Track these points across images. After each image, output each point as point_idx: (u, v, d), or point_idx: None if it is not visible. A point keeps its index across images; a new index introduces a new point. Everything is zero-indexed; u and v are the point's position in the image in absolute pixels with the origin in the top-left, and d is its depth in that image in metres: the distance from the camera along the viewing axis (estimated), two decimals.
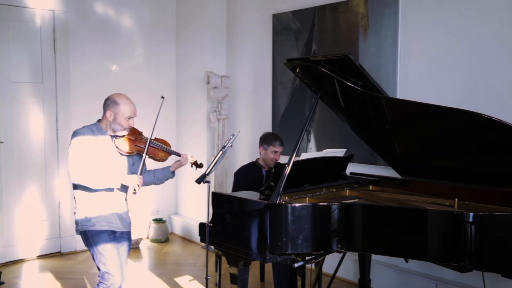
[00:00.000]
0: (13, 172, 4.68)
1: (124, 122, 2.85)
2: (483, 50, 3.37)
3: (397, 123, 3.02)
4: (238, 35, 5.34)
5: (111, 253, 2.83)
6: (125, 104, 2.86)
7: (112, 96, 2.89)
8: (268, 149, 3.74)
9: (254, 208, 2.73)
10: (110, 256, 2.82)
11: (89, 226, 2.83)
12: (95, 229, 2.82)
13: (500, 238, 2.28)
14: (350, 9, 4.13)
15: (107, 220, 2.86)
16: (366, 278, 3.58)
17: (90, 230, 2.83)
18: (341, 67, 2.93)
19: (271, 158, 3.73)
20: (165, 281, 4.27)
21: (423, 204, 2.83)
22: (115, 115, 2.83)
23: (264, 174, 3.79)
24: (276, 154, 3.75)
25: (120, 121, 2.84)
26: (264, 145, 3.77)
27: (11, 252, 4.69)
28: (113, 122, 2.85)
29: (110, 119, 2.85)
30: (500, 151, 2.66)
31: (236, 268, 2.89)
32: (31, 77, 4.75)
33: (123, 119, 2.85)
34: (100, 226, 2.83)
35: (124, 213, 2.99)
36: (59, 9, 4.86)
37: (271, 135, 3.85)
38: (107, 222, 2.86)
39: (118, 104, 2.84)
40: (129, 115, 2.87)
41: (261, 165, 3.82)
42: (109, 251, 2.83)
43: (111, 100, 2.86)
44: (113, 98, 2.87)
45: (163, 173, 3.13)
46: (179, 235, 5.75)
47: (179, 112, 5.82)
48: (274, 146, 3.73)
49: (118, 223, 2.92)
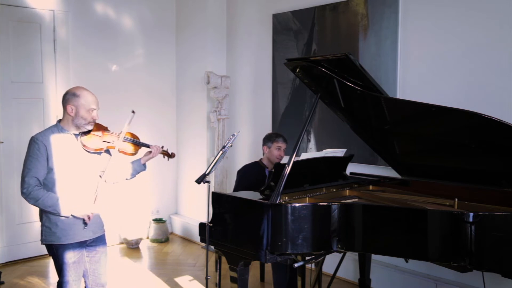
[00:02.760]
0: (13, 172, 4.67)
1: (87, 115, 2.66)
2: (483, 50, 3.37)
3: (397, 123, 3.02)
4: (238, 35, 5.34)
5: (74, 266, 2.71)
6: (86, 95, 2.67)
7: (71, 90, 2.71)
8: (272, 146, 3.75)
9: (254, 208, 2.73)
10: (71, 269, 2.70)
11: (54, 240, 2.67)
12: (60, 243, 2.67)
13: (500, 238, 2.28)
14: (350, 9, 4.13)
15: (74, 232, 2.69)
16: (366, 278, 3.57)
17: (55, 244, 2.67)
18: (341, 67, 2.93)
19: (276, 155, 3.74)
20: (165, 281, 4.27)
21: (423, 204, 2.83)
22: (77, 108, 2.64)
23: (267, 174, 3.79)
24: (280, 150, 3.75)
25: (83, 114, 2.65)
26: (268, 143, 3.78)
27: (11, 252, 4.70)
28: (75, 117, 2.66)
29: (72, 114, 2.66)
30: (500, 151, 2.66)
31: (236, 268, 2.89)
32: (31, 77, 4.75)
33: (85, 112, 2.66)
34: (66, 240, 2.67)
35: (96, 218, 2.82)
36: (59, 9, 4.85)
37: (274, 133, 3.89)
38: (74, 235, 2.69)
39: (78, 96, 2.66)
40: (92, 106, 2.67)
41: (265, 165, 3.82)
42: (72, 265, 2.70)
43: (70, 93, 2.68)
44: (72, 91, 2.70)
45: (134, 167, 2.98)
46: (179, 235, 5.75)
47: (179, 112, 5.82)
48: (278, 142, 3.74)
49: (86, 232, 2.74)
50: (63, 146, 2.66)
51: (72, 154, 2.69)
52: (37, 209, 2.82)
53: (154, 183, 5.63)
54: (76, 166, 2.69)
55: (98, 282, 2.89)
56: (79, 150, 2.71)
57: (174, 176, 5.88)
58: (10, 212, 4.67)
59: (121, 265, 4.70)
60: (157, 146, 2.99)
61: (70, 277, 2.71)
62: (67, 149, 2.67)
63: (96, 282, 2.88)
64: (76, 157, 2.70)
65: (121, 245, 5.34)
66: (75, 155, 2.69)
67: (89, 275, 2.85)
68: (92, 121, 2.71)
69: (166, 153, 3.07)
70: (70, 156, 2.67)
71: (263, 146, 3.83)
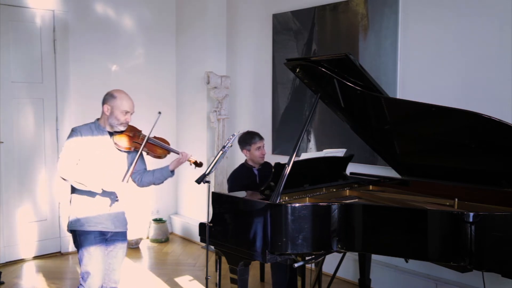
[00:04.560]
0: (13, 172, 4.68)
1: (121, 116, 2.85)
2: (483, 50, 3.37)
3: (397, 123, 3.02)
4: (238, 35, 5.34)
5: (95, 255, 2.83)
6: (123, 98, 2.86)
7: (111, 91, 2.92)
8: (251, 149, 3.72)
9: (254, 208, 2.73)
10: (92, 257, 2.82)
11: (78, 226, 2.84)
12: (83, 229, 2.83)
13: (500, 238, 2.28)
14: (350, 9, 4.13)
15: (97, 220, 2.85)
16: (366, 278, 3.58)
17: (79, 230, 2.84)
18: (341, 67, 2.93)
19: (258, 155, 3.72)
20: (165, 281, 4.27)
21: (423, 204, 2.83)
22: (112, 109, 2.84)
23: (256, 173, 3.77)
24: (261, 149, 3.73)
25: (117, 115, 2.84)
26: (246, 146, 3.73)
27: (11, 252, 4.69)
28: (110, 116, 2.85)
29: (108, 113, 2.85)
30: (500, 151, 2.66)
31: (236, 268, 2.89)
32: (31, 77, 4.75)
33: (120, 113, 2.84)
34: (89, 227, 2.84)
35: (118, 213, 2.96)
36: (59, 9, 4.86)
37: (247, 134, 3.80)
38: (96, 223, 2.85)
39: (116, 97, 2.85)
40: (126, 109, 2.86)
41: (251, 165, 3.80)
42: (93, 253, 2.82)
43: (109, 94, 2.89)
44: (111, 92, 2.90)
45: (162, 173, 3.11)
46: (179, 235, 5.75)
47: (179, 112, 5.82)
48: (255, 143, 3.71)
49: (109, 223, 2.89)
50: (97, 141, 2.84)
51: (104, 149, 2.86)
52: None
53: None
54: (105, 161, 2.86)
55: (112, 277, 2.98)
56: (111, 147, 2.89)
57: (174, 176, 5.86)
58: (10, 212, 4.67)
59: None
60: (185, 153, 3.06)
61: (90, 266, 2.82)
62: (100, 144, 2.85)
63: (110, 277, 2.97)
64: (107, 153, 2.87)
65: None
66: (106, 151, 2.87)
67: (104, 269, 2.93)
68: (125, 123, 2.89)
69: (195, 162, 3.09)
70: (101, 151, 2.85)
71: (241, 150, 3.78)
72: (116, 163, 2.92)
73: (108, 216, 2.89)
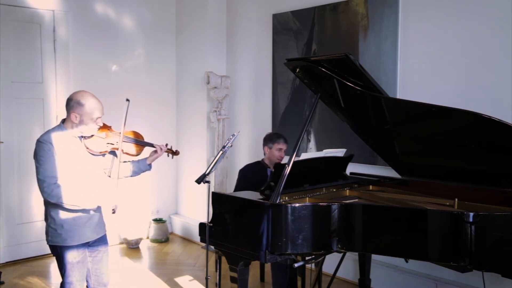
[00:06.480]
0: (13, 172, 4.68)
1: (92, 124, 2.61)
2: (483, 50, 3.37)
3: (397, 123, 3.02)
4: (238, 35, 5.34)
5: (78, 266, 2.71)
6: (91, 104, 2.58)
7: (76, 96, 2.59)
8: (272, 147, 3.76)
9: (254, 208, 2.73)
10: (75, 269, 2.70)
11: (60, 241, 2.64)
12: (65, 244, 2.65)
13: (500, 238, 2.28)
14: (350, 9, 4.13)
15: (79, 233, 2.68)
16: (366, 278, 3.58)
17: (60, 245, 2.66)
18: (341, 67, 2.93)
19: (277, 156, 3.75)
20: (165, 281, 4.27)
21: (423, 204, 2.83)
22: (81, 117, 2.57)
23: (269, 174, 3.79)
24: (281, 152, 3.77)
25: (87, 122, 2.59)
26: (269, 143, 3.79)
27: (11, 252, 4.69)
28: (79, 124, 2.59)
29: (76, 122, 2.58)
30: (500, 151, 2.66)
31: (236, 268, 2.89)
32: (31, 77, 4.75)
33: (90, 120, 2.59)
34: (71, 242, 2.65)
35: (99, 220, 2.82)
36: (59, 9, 4.85)
37: (275, 134, 3.89)
38: (80, 235, 2.68)
39: (83, 105, 2.56)
40: (98, 115, 2.61)
41: (267, 165, 3.83)
42: (76, 265, 2.70)
43: (75, 101, 2.57)
44: (76, 98, 2.57)
45: (139, 166, 2.97)
46: (179, 235, 5.75)
47: (179, 112, 5.82)
48: (279, 144, 3.75)
49: (91, 233, 2.74)
50: (67, 147, 2.61)
51: (76, 155, 2.65)
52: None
53: (154, 183, 5.62)
54: (80, 167, 2.65)
55: (100, 281, 2.89)
56: (83, 151, 2.68)
57: (174, 176, 5.88)
58: (10, 212, 4.67)
59: (121, 265, 4.70)
60: (161, 145, 2.97)
61: (74, 277, 2.71)
62: (71, 150, 2.63)
63: (98, 281, 2.88)
64: (80, 158, 2.66)
65: (121, 245, 5.34)
66: (79, 156, 2.66)
67: (91, 275, 2.86)
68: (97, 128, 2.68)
69: (170, 150, 3.04)
70: (74, 157, 2.63)
71: (264, 146, 3.83)
72: (89, 168, 2.70)
73: (89, 226, 2.72)
